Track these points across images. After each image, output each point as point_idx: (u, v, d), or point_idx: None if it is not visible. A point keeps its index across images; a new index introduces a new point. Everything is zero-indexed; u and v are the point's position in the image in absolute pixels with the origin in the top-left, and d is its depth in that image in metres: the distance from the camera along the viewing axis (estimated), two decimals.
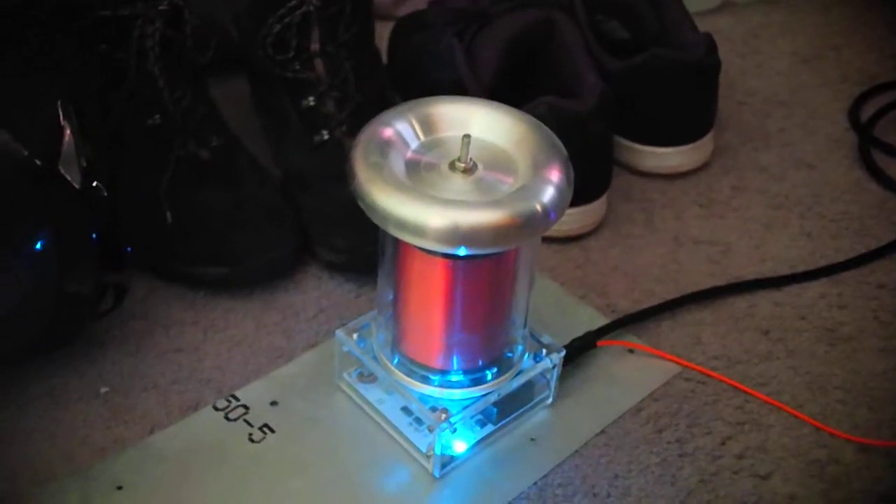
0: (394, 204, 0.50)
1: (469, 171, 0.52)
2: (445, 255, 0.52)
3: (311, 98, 0.72)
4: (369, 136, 0.53)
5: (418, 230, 0.50)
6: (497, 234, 0.50)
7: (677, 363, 0.64)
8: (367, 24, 0.73)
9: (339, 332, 0.60)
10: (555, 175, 0.51)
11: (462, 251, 0.50)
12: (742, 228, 0.74)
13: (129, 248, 0.60)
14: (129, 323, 0.65)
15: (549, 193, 0.51)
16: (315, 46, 0.71)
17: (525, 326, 0.58)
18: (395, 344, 0.58)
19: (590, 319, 0.66)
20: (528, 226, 0.50)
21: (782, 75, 0.89)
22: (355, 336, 0.59)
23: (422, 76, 0.76)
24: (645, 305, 0.67)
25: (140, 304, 0.66)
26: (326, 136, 0.71)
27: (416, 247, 0.52)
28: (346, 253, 0.68)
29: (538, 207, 0.50)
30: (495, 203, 0.50)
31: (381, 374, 0.58)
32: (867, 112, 0.84)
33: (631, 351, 0.65)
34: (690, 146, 0.77)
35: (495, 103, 0.55)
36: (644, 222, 0.75)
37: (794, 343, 0.66)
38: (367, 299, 0.67)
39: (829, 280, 0.70)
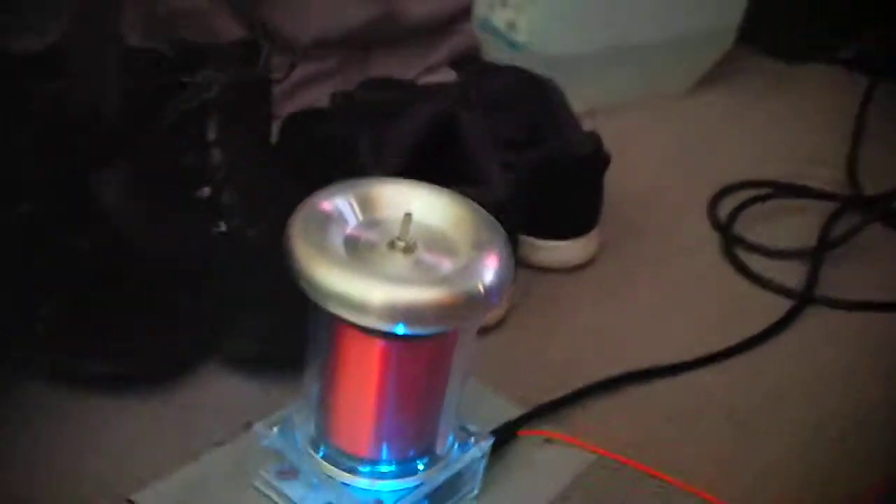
0: (335, 280, 0.48)
1: (409, 250, 0.51)
2: (384, 335, 0.50)
3: (206, 188, 0.69)
4: (307, 212, 0.51)
5: (360, 306, 0.48)
6: (439, 312, 0.48)
7: (593, 451, 0.64)
8: (266, 115, 0.72)
9: (258, 426, 0.56)
10: (496, 255, 0.51)
11: (401, 329, 0.48)
12: (634, 318, 0.76)
13: None
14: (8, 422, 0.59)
15: (491, 273, 0.50)
16: (212, 135, 0.69)
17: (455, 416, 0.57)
18: (322, 435, 0.55)
19: (504, 410, 0.65)
20: (471, 305, 0.49)
21: (649, 175, 0.93)
22: (275, 429, 0.56)
23: (323, 168, 0.75)
24: (555, 395, 0.67)
25: (19, 402, 0.61)
26: (224, 228, 0.69)
27: (353, 325, 0.50)
28: (258, 344, 0.65)
29: (480, 287, 0.50)
30: (437, 281, 0.49)
31: (306, 467, 0.55)
32: (725, 210, 0.89)
33: (548, 440, 0.64)
34: (583, 239, 0.79)
35: (433, 186, 0.54)
36: (544, 315, 0.75)
37: (698, 428, 0.67)
38: (277, 395, 0.64)
39: (717, 366, 0.73)
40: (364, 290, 0.48)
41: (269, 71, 0.69)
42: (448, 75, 0.87)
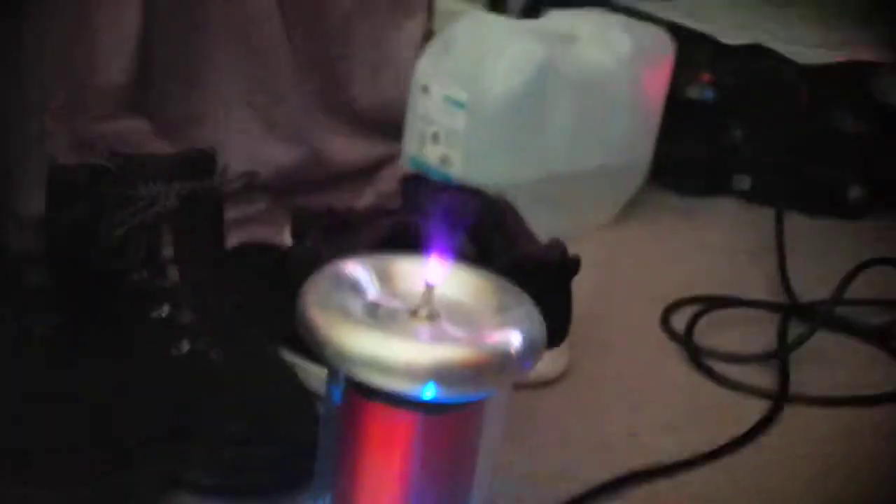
0: (360, 341, 0.44)
1: (433, 318, 0.47)
2: (410, 406, 0.46)
3: (163, 308, 0.63)
4: (322, 282, 0.47)
5: (386, 367, 0.44)
6: (469, 372, 0.45)
7: None
8: (219, 229, 0.68)
9: None
10: (524, 317, 0.48)
11: (430, 390, 0.44)
12: (615, 429, 0.73)
13: None
14: None
15: (520, 334, 0.47)
16: (167, 253, 0.64)
17: None
18: None
19: None
20: (503, 366, 0.46)
21: (593, 297, 0.92)
22: None
23: (283, 285, 0.70)
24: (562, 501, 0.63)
25: None
26: (187, 348, 0.63)
27: (377, 398, 0.45)
28: (229, 470, 0.58)
29: (511, 347, 0.46)
30: (466, 342, 0.46)
31: None
32: (677, 324, 0.89)
33: None
34: (557, 350, 0.76)
35: (450, 262, 0.51)
36: (525, 429, 0.71)
37: None
38: None
39: (716, 464, 0.70)
40: (391, 350, 0.44)
41: (223, 183, 0.66)
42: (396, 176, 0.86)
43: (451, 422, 0.47)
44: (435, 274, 0.48)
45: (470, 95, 0.93)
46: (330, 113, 0.99)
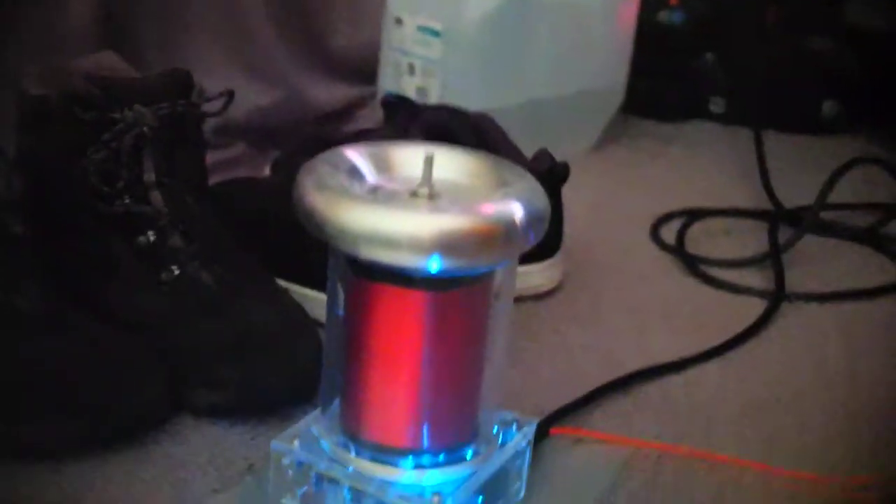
0: (363, 217, 0.43)
1: (434, 197, 0.46)
2: (418, 284, 0.44)
3: (149, 234, 0.62)
4: (318, 167, 0.46)
5: (390, 240, 0.42)
6: (476, 241, 0.43)
7: (628, 445, 0.58)
8: (201, 152, 0.66)
9: (276, 443, 0.48)
10: (527, 189, 0.47)
11: (436, 262, 0.42)
12: (617, 333, 0.73)
13: None
14: None
15: (524, 205, 0.45)
16: (150, 177, 0.62)
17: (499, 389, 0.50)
18: (355, 431, 0.47)
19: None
20: (508, 236, 0.44)
21: (583, 217, 0.91)
22: (296, 442, 0.48)
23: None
24: (567, 402, 0.61)
25: None
26: (177, 272, 0.61)
27: (384, 278, 0.44)
28: (234, 389, 0.57)
29: (516, 217, 0.45)
30: (471, 212, 0.44)
31: (344, 473, 0.46)
32: (668, 236, 0.89)
33: (579, 440, 0.58)
34: (551, 261, 0.75)
35: (446, 145, 0.50)
36: (529, 339, 0.70)
37: (722, 414, 0.63)
38: (265, 440, 0.55)
39: (720, 360, 0.70)
40: (393, 223, 0.42)
41: (201, 102, 0.64)
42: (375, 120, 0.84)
43: (460, 297, 0.46)
44: (433, 151, 0.47)
45: (444, 23, 0.92)
46: (306, 55, 0.97)
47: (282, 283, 0.68)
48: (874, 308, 0.79)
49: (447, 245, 0.43)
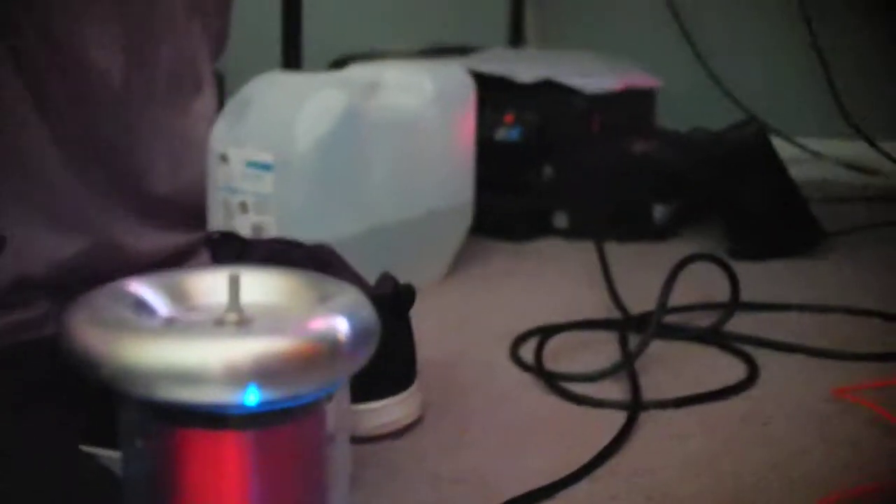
0: (158, 350, 0.37)
1: (244, 322, 0.41)
2: (234, 423, 0.38)
3: None
4: (92, 301, 0.39)
5: (195, 374, 0.37)
6: (297, 364, 0.38)
7: None
8: None
9: None
10: (352, 301, 0.42)
11: (254, 394, 0.37)
12: (485, 459, 0.68)
13: None
14: None
15: (348, 319, 0.41)
16: None
17: None
18: None
19: None
20: (334, 353, 0.39)
21: (437, 343, 0.88)
22: None
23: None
24: None
25: None
26: None
27: (191, 420, 0.38)
28: None
29: (340, 333, 0.40)
30: (288, 331, 0.39)
31: None
32: (527, 354, 0.86)
33: None
34: (405, 394, 0.70)
35: (250, 265, 0.45)
36: (390, 477, 0.65)
37: None
38: None
39: (585, 481, 0.66)
40: (196, 352, 0.37)
41: None
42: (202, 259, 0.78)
43: (288, 434, 0.40)
44: (240, 276, 0.42)
45: (275, 155, 0.88)
46: (118, 201, 0.89)
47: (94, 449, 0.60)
48: (729, 405, 0.78)
49: (264, 372, 0.37)
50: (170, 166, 0.90)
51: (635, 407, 0.75)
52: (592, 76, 1.23)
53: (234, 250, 0.73)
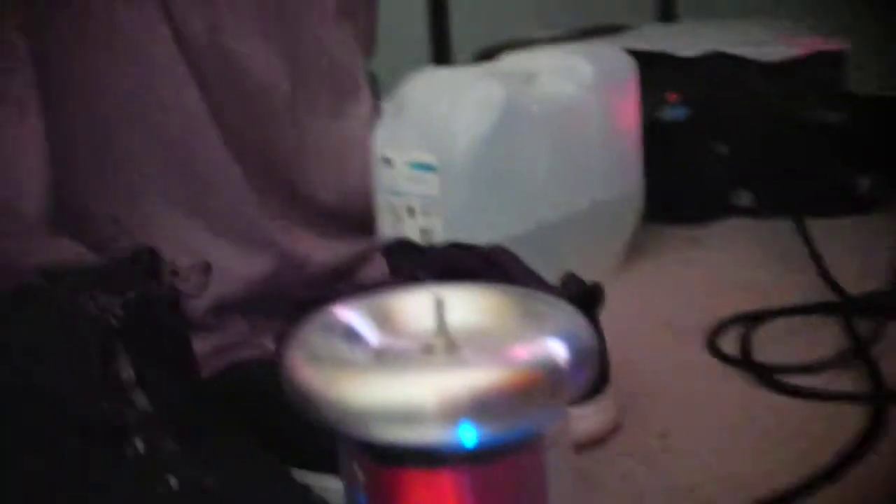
0: (367, 388, 0.34)
1: (452, 349, 0.37)
2: (449, 462, 0.35)
3: (136, 441, 0.52)
4: (309, 335, 0.37)
5: (409, 413, 0.34)
6: (512, 397, 0.35)
7: None
8: (184, 338, 0.57)
9: None
10: (565, 321, 0.38)
11: (468, 432, 0.34)
12: (701, 470, 0.63)
13: None
14: None
15: (565, 341, 0.37)
16: (127, 374, 0.53)
17: None
18: None
19: None
20: (553, 382, 0.35)
21: (625, 340, 0.82)
22: None
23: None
24: None
25: None
26: (175, 484, 0.52)
27: (405, 460, 0.35)
28: None
29: (559, 358, 0.36)
30: (500, 361, 0.35)
31: None
32: (729, 346, 0.79)
33: None
34: (599, 401, 0.66)
35: (457, 283, 0.41)
36: (595, 490, 0.61)
37: None
38: None
39: (828, 490, 0.59)
40: (407, 391, 0.34)
41: (175, 283, 0.56)
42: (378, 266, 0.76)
43: (506, 471, 0.36)
44: (444, 296, 0.38)
45: (438, 154, 0.85)
46: (293, 214, 0.89)
47: (306, 475, 0.58)
48: None
49: (480, 408, 0.34)
50: (336, 174, 0.89)
51: (882, 398, 0.67)
52: (766, 44, 1.15)
53: (410, 258, 0.70)
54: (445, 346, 0.37)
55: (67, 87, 0.67)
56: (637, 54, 1.07)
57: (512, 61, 0.97)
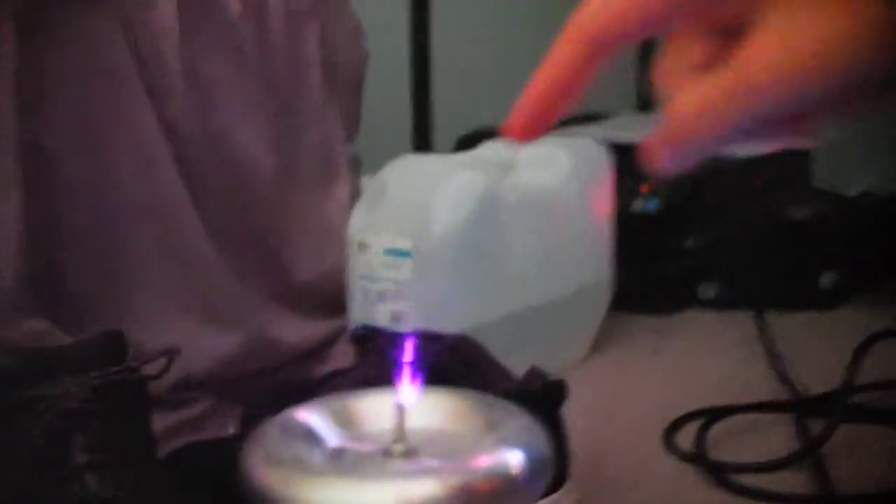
0: (325, 493, 0.35)
1: (411, 454, 0.38)
2: None
3: None
4: (269, 434, 0.38)
5: None
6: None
7: None
8: (145, 422, 0.58)
9: None
10: (521, 430, 0.39)
11: None
12: None
13: None
14: None
15: (521, 450, 0.38)
16: (80, 458, 0.54)
17: None
18: None
19: None
20: (507, 492, 0.37)
21: (588, 433, 0.83)
22: None
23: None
24: None
25: None
26: None
27: None
28: None
29: (513, 468, 0.37)
30: (457, 470, 0.36)
31: None
32: (684, 442, 0.80)
33: None
34: (556, 497, 0.65)
35: (420, 386, 0.42)
36: None
37: None
38: None
39: None
40: (365, 498, 0.34)
41: (139, 367, 0.56)
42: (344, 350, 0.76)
43: None
44: (405, 399, 0.39)
45: (413, 240, 0.86)
46: (267, 292, 0.90)
47: None
48: None
49: None
50: (312, 252, 0.90)
51: (829, 501, 0.68)
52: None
53: (378, 346, 0.71)
54: (404, 451, 0.38)
55: (48, 168, 0.68)
56: (613, 145, 1.10)
57: (491, 150, 0.98)
